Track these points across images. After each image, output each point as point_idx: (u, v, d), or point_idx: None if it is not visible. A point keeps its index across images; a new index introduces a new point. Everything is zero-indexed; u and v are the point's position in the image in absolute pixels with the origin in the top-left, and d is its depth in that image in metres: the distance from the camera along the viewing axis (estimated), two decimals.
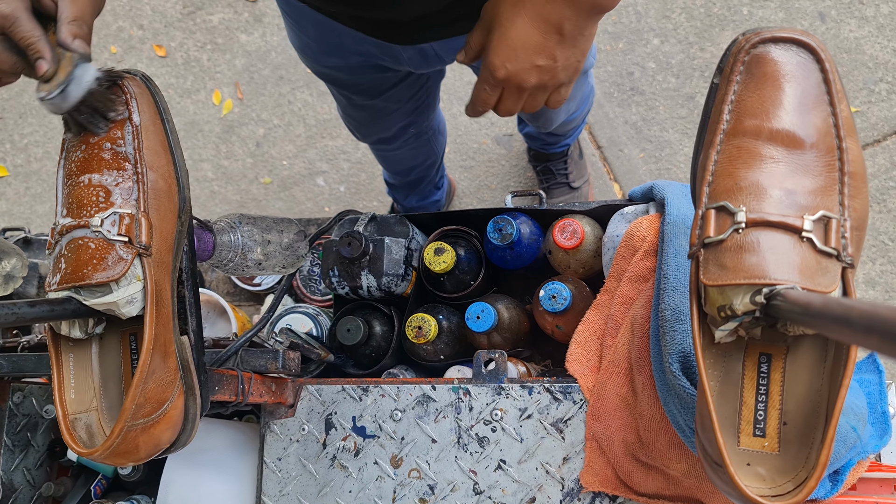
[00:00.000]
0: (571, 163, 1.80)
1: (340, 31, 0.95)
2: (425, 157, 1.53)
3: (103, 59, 2.28)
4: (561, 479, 0.80)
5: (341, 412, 0.88)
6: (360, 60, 1.03)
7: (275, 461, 0.88)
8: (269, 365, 0.81)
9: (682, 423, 0.71)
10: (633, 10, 1.98)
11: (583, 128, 1.73)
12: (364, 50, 0.99)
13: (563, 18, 0.66)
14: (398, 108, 1.23)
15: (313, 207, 2.05)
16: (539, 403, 0.82)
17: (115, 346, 0.67)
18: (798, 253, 0.54)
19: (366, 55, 1.00)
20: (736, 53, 0.59)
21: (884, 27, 1.84)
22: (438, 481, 0.83)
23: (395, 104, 1.21)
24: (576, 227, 0.91)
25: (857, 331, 0.32)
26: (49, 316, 0.57)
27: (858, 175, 0.58)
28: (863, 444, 0.74)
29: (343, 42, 1.00)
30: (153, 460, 0.69)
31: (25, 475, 0.99)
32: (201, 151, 2.14)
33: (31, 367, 0.85)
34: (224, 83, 2.19)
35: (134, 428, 0.61)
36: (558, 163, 1.78)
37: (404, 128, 1.32)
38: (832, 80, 0.58)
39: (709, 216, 0.57)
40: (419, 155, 1.51)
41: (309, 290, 1.23)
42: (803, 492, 0.55)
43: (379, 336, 1.01)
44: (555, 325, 0.93)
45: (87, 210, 0.62)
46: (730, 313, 0.55)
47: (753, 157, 0.57)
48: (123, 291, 0.61)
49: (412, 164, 1.55)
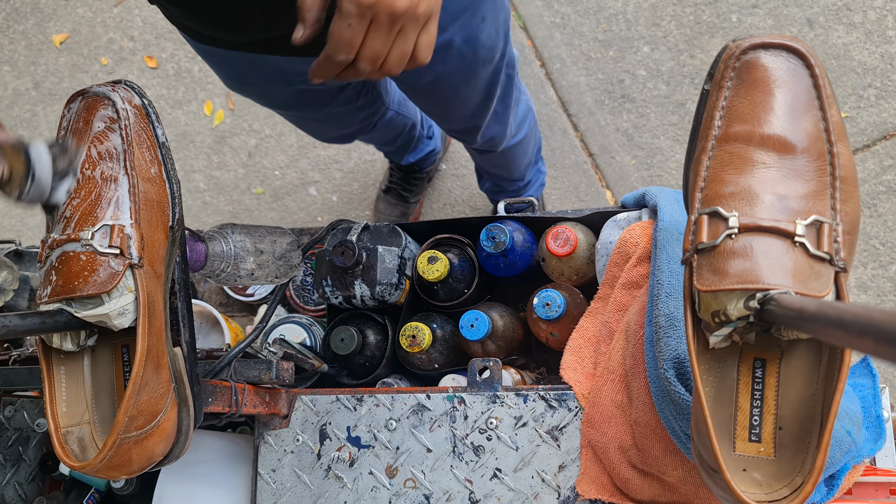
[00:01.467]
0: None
1: (268, 61, 0.98)
2: (402, 127, 1.54)
3: (94, 71, 2.27)
4: (557, 487, 0.80)
5: (336, 422, 0.87)
6: (297, 79, 1.06)
7: (269, 472, 0.88)
8: (262, 376, 0.81)
9: (677, 430, 0.71)
10: (623, 18, 1.99)
11: (543, 181, 1.73)
12: (298, 69, 1.02)
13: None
14: (349, 107, 1.24)
15: (306, 217, 2.05)
16: (534, 411, 0.82)
17: (108, 358, 0.67)
18: (791, 258, 0.54)
19: (301, 74, 1.03)
20: (726, 60, 0.59)
21: (871, 33, 1.86)
22: (434, 491, 0.83)
23: (346, 105, 1.22)
24: (569, 234, 0.91)
25: (851, 334, 0.32)
26: (40, 328, 0.57)
27: (850, 179, 0.58)
28: (858, 448, 0.74)
29: (276, 69, 1.03)
30: (146, 473, 0.68)
31: (17, 490, 0.98)
32: (193, 162, 2.14)
33: (22, 380, 0.85)
34: (215, 94, 2.19)
35: (127, 441, 0.60)
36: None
37: (364, 119, 1.33)
38: (822, 86, 0.58)
39: (701, 222, 0.57)
40: (394, 128, 1.51)
41: (302, 301, 1.23)
42: (800, 496, 0.55)
43: (373, 345, 1.01)
44: (549, 333, 0.93)
45: (77, 222, 0.62)
46: (724, 319, 0.55)
47: (745, 162, 0.58)
48: (115, 303, 0.60)
49: (392, 136, 1.56)
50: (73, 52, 2.30)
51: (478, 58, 1.05)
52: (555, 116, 1.97)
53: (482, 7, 0.98)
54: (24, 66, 2.32)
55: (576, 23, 2.01)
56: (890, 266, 1.72)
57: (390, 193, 1.93)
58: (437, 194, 2.01)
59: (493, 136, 1.34)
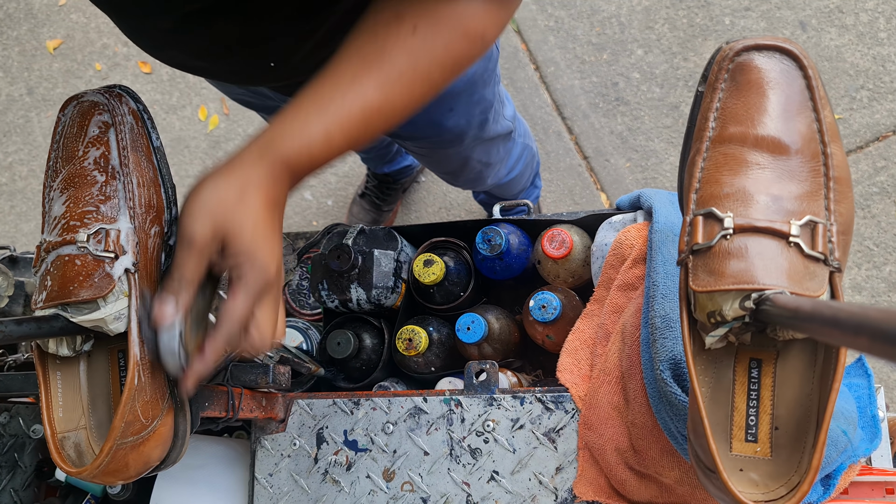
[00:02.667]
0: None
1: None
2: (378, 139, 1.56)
3: (88, 77, 2.27)
4: (554, 489, 0.80)
5: (332, 426, 0.87)
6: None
7: (266, 477, 0.88)
8: (259, 380, 0.81)
9: (674, 431, 0.71)
10: (617, 22, 1.99)
11: (538, 196, 1.75)
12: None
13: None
14: None
15: (301, 221, 2.05)
16: (531, 413, 0.82)
17: (104, 363, 0.67)
18: (786, 258, 0.54)
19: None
20: (720, 62, 0.60)
21: (864, 35, 1.87)
22: (431, 494, 0.83)
23: None
24: (564, 236, 0.92)
25: (847, 332, 0.33)
26: (36, 333, 0.57)
27: (843, 180, 0.59)
28: (854, 447, 0.74)
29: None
30: (142, 479, 0.68)
31: (13, 496, 0.97)
32: (188, 167, 2.14)
33: (17, 386, 0.84)
34: (210, 99, 2.19)
35: (123, 446, 0.60)
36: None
37: None
38: (815, 87, 0.59)
39: (696, 223, 0.58)
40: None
41: (298, 304, 1.23)
42: (796, 496, 0.55)
43: (369, 349, 1.01)
44: (545, 335, 0.93)
45: (72, 226, 0.62)
46: (720, 319, 0.55)
47: (739, 163, 0.58)
48: (111, 308, 0.60)
49: (370, 146, 1.58)
50: (67, 57, 2.30)
51: (442, 139, 1.12)
52: (549, 120, 1.98)
53: (450, 100, 1.03)
54: (17, 72, 2.32)
55: (570, 26, 2.02)
56: (884, 267, 1.73)
57: (365, 199, 1.95)
58: (432, 198, 2.01)
59: (480, 180, 1.38)
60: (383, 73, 0.60)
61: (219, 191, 0.59)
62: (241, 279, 0.58)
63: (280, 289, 0.62)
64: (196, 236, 0.58)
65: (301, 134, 0.60)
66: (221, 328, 0.59)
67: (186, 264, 0.59)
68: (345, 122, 0.60)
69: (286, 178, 0.61)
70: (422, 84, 0.62)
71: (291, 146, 0.60)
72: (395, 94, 0.61)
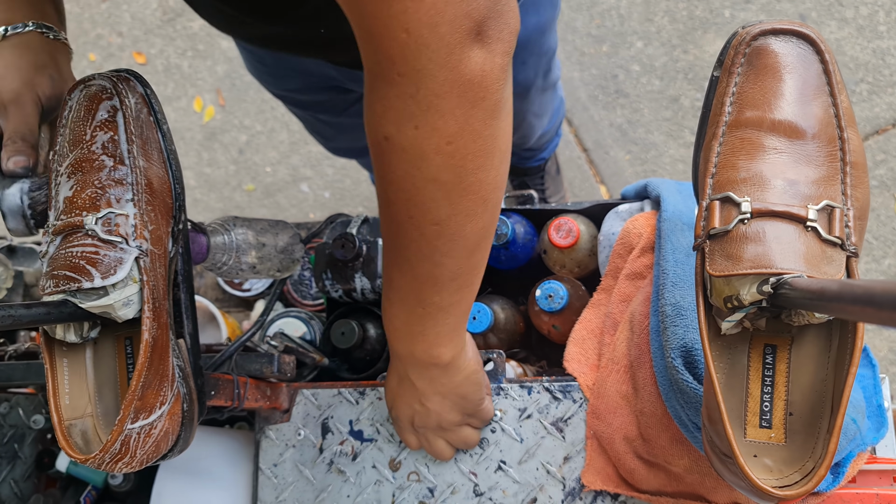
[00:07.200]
0: (548, 178, 1.78)
1: (299, 59, 0.95)
2: None
3: (82, 67, 2.25)
4: (562, 479, 0.80)
5: (338, 416, 0.86)
6: (319, 82, 1.03)
7: (270, 467, 0.87)
8: (264, 369, 0.80)
9: (685, 419, 0.71)
10: (617, 14, 1.99)
11: (558, 141, 1.73)
12: (324, 73, 0.99)
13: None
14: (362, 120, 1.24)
15: (298, 214, 2.04)
16: (538, 403, 0.82)
17: (110, 350, 0.66)
18: (803, 242, 0.54)
19: (326, 77, 1.01)
20: (736, 46, 0.59)
21: (863, 28, 1.87)
22: (438, 484, 0.82)
23: (360, 118, 1.21)
24: (571, 225, 0.91)
25: (884, 309, 0.32)
26: (45, 318, 0.56)
27: (860, 165, 0.58)
28: (862, 436, 0.74)
29: (302, 68, 1.00)
30: (144, 469, 0.67)
31: (13, 487, 0.97)
32: (183, 159, 2.12)
33: (18, 375, 0.83)
34: (205, 90, 2.17)
35: (131, 433, 0.59)
36: (535, 178, 1.76)
37: None
38: (832, 71, 0.58)
39: (713, 207, 0.57)
40: None
41: (300, 295, 1.22)
42: (813, 481, 0.55)
43: (373, 339, 1.00)
44: (551, 325, 0.93)
45: (80, 211, 0.61)
46: (737, 304, 0.55)
47: (756, 147, 0.57)
48: (119, 293, 0.60)
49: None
50: None
51: (553, 83, 1.13)
52: None
53: (522, 53, 0.99)
54: None
55: (569, 18, 2.01)
56: (883, 260, 1.73)
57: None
58: None
59: (529, 136, 1.37)
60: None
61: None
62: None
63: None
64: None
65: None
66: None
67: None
68: (455, 305, 0.64)
69: None
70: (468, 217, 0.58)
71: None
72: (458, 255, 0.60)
